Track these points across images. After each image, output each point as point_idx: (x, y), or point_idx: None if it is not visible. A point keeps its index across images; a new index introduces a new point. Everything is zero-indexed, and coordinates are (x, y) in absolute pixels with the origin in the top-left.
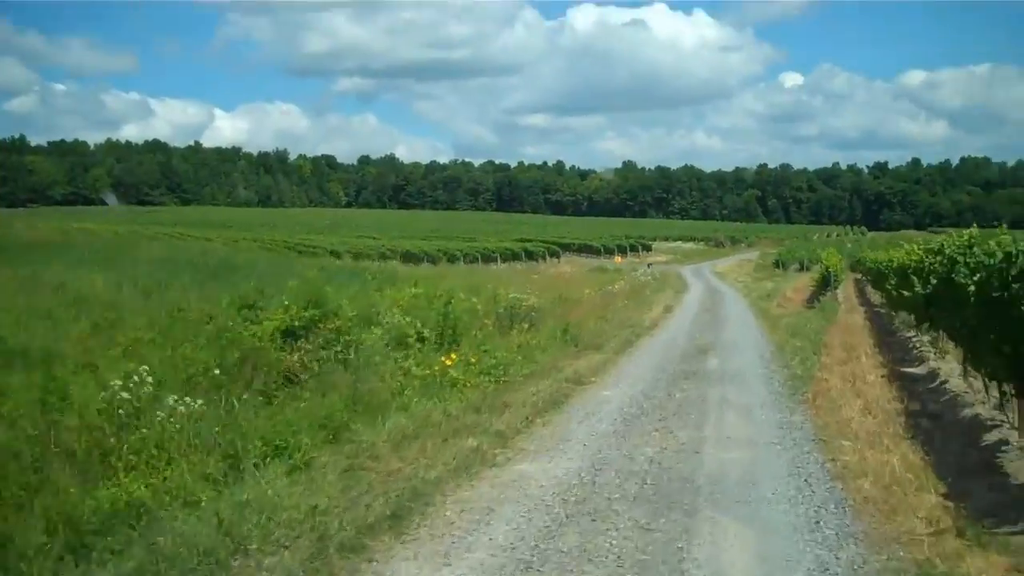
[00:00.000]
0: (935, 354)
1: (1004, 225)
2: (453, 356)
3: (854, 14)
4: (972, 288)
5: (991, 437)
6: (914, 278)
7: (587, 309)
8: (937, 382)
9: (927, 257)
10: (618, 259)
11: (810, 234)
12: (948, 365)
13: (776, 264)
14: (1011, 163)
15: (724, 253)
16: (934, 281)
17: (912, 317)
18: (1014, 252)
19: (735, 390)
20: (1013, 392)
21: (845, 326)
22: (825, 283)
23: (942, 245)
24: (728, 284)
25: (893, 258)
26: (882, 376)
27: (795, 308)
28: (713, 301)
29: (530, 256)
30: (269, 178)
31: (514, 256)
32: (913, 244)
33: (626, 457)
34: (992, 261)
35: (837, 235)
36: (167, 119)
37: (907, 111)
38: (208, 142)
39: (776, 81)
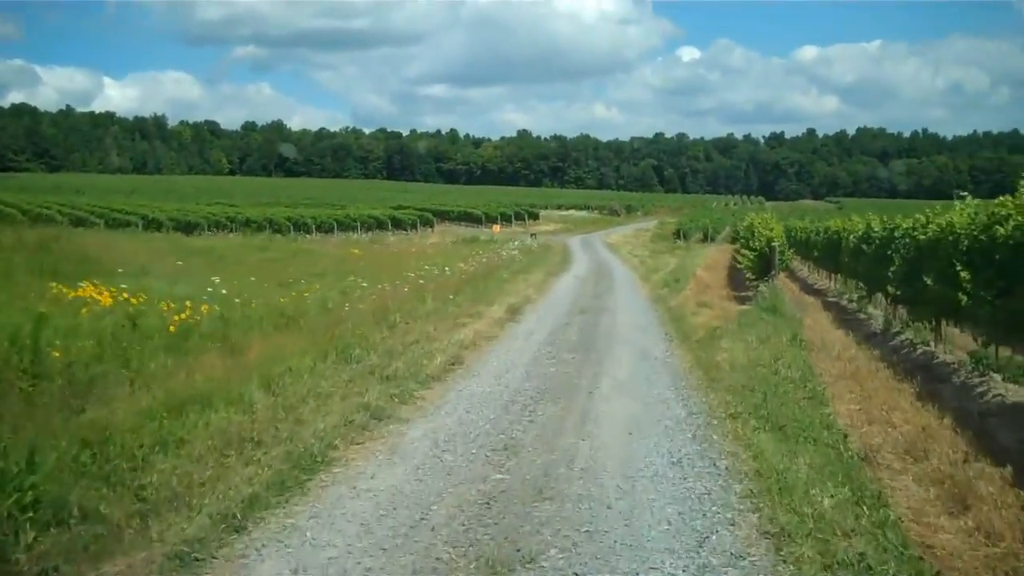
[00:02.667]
0: None
1: None
2: None
3: None
4: None
5: None
6: None
7: (329, 327)
8: None
9: None
10: (496, 228)
11: (708, 203)
12: None
13: (677, 234)
14: (907, 134)
15: (619, 222)
16: None
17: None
18: None
19: None
20: None
21: (839, 359)
22: (766, 265)
23: None
24: (622, 259)
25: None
26: None
27: (723, 305)
28: (597, 291)
29: (398, 225)
30: (145, 144)
31: (379, 225)
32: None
33: None
34: None
35: (735, 204)
36: (55, 87)
37: (801, 86)
38: (98, 110)
39: (674, 55)
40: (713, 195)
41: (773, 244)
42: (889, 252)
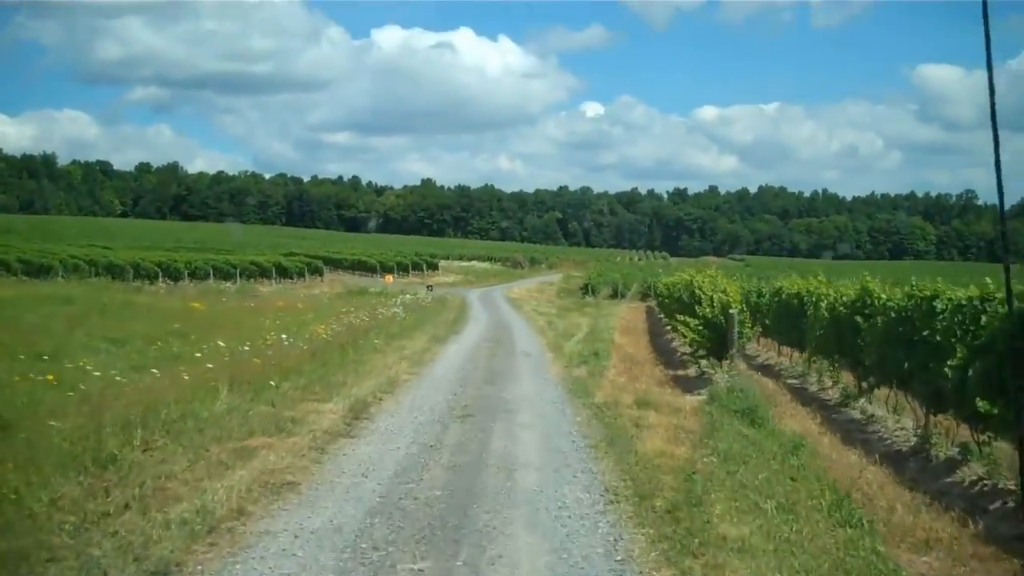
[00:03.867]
0: None
1: None
2: None
3: (651, 50)
4: None
5: None
6: None
7: None
8: None
9: None
10: (388, 278)
11: (612, 257)
12: None
13: (585, 290)
14: (807, 193)
15: (522, 275)
16: None
17: None
18: None
19: None
20: None
21: (927, 543)
22: (720, 338)
23: None
24: (526, 319)
25: None
26: None
27: (669, 399)
28: (492, 370)
29: (284, 273)
30: (33, 183)
31: (263, 272)
32: None
33: None
34: None
35: (640, 259)
36: None
37: (701, 144)
38: None
39: (578, 110)
40: (617, 249)
41: (731, 312)
42: (928, 333)
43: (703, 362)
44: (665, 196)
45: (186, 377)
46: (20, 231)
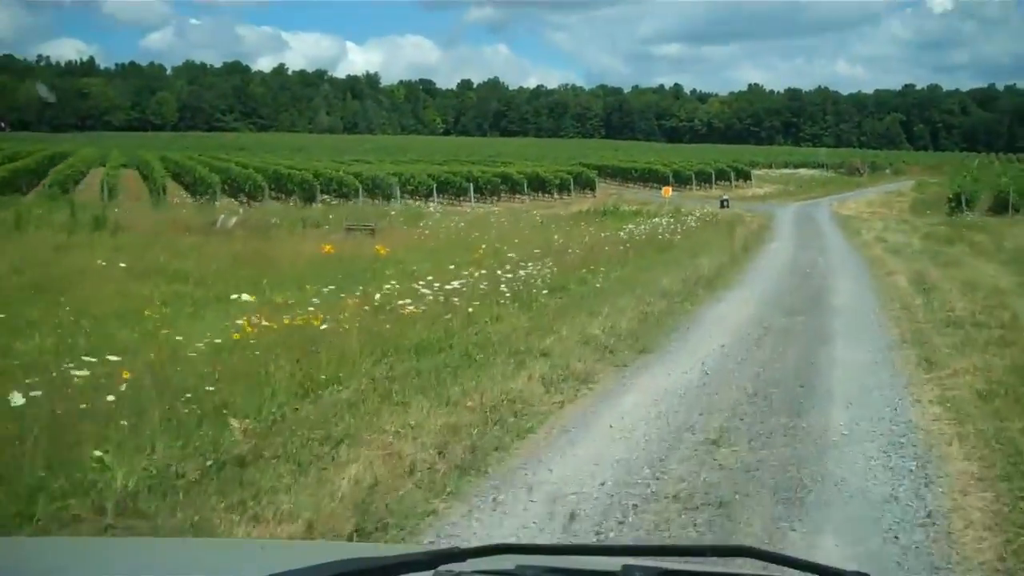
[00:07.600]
0: None
1: None
2: None
3: None
4: None
5: None
6: None
7: None
8: None
9: None
10: (666, 191)
11: (968, 162)
12: None
13: (955, 202)
14: None
15: (860, 183)
16: None
17: None
18: None
19: None
20: None
21: None
22: None
23: None
24: (863, 264)
25: None
26: None
27: None
28: None
29: (541, 187)
30: (357, 104)
31: (512, 187)
32: None
33: None
34: None
35: (999, 163)
36: (301, 52)
37: None
38: (342, 75)
39: (924, 5)
40: (971, 153)
41: None
42: None
43: None
44: None
45: None
46: (311, 150)
